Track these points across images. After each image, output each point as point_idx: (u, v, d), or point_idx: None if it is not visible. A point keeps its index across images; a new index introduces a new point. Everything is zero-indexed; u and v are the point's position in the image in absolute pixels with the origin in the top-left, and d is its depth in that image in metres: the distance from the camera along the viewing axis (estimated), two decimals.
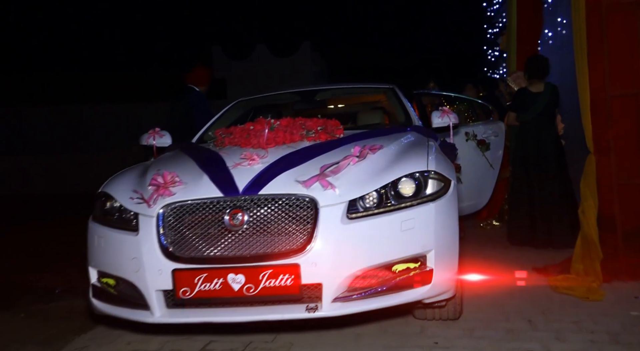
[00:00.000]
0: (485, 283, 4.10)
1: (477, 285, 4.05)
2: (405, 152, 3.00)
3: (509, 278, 4.11)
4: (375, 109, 4.71)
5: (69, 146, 16.88)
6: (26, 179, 15.05)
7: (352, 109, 5.08)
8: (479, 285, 4.05)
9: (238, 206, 2.57)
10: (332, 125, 3.34)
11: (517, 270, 4.42)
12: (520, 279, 3.54)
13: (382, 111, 4.56)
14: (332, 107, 5.24)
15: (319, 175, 2.63)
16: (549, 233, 5.15)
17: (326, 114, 5.04)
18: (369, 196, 2.66)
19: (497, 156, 5.56)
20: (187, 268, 2.51)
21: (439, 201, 2.74)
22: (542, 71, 5.26)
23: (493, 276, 4.31)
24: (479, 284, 4.07)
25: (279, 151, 2.98)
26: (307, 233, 2.51)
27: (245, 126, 3.30)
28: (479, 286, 4.02)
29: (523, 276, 3.52)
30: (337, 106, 5.33)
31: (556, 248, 5.06)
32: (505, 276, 4.26)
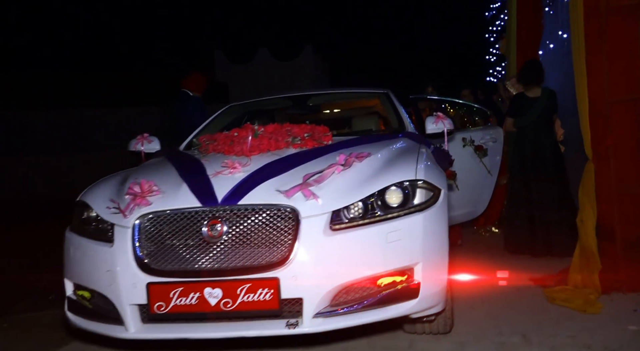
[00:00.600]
0: (478, 294, 3.99)
1: (470, 296, 3.94)
2: (393, 160, 2.89)
3: (493, 279, 4.01)
4: (368, 115, 4.62)
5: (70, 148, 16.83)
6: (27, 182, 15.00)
7: (346, 114, 4.98)
8: (472, 296, 3.95)
9: (217, 216, 2.46)
10: (320, 131, 3.24)
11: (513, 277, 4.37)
12: (503, 279, 3.41)
13: (375, 117, 4.47)
14: (325, 112, 5.14)
15: (302, 184, 2.53)
16: (548, 241, 5.03)
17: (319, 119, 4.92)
18: (354, 207, 2.56)
19: (495, 162, 5.45)
20: (162, 281, 2.41)
21: (427, 212, 2.63)
22: (536, 77, 5.15)
23: (480, 276, 4.21)
24: (473, 296, 3.96)
25: (262, 158, 2.88)
26: (287, 245, 2.41)
27: (229, 133, 3.20)
28: (472, 298, 3.91)
29: (505, 275, 3.39)
30: (330, 111, 5.23)
31: (555, 256, 4.94)
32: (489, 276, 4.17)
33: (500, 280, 3.33)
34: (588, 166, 4.17)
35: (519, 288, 4.14)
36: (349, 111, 5.09)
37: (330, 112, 5.19)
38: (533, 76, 5.15)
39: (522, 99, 5.22)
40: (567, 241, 4.82)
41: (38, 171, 15.32)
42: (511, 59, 6.84)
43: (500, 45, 7.80)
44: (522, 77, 5.26)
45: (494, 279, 4.04)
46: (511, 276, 4.48)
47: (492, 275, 4.24)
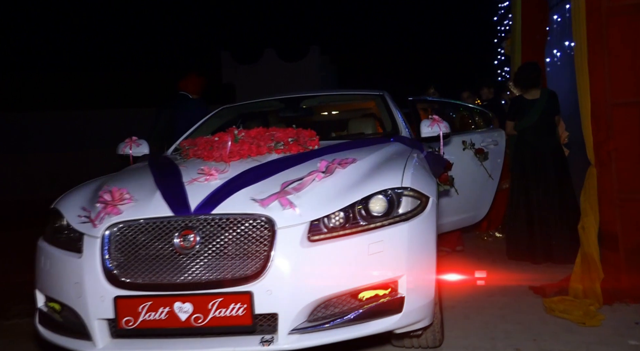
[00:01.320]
0: (474, 303, 3.85)
1: (465, 305, 3.81)
2: (380, 166, 2.76)
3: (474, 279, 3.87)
4: (362, 118, 4.48)
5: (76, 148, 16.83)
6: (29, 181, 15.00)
7: (339, 117, 4.85)
8: (468, 305, 3.81)
9: (189, 226, 2.35)
10: (306, 136, 3.11)
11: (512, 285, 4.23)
12: (480, 279, 3.25)
13: (369, 120, 4.34)
14: (319, 115, 5.01)
15: (279, 193, 2.41)
16: (548, 247, 4.88)
17: (312, 122, 4.82)
18: (334, 216, 2.43)
19: (496, 166, 5.29)
20: (131, 295, 2.29)
21: (413, 221, 2.50)
22: (532, 80, 4.99)
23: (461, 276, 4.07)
24: (468, 304, 3.82)
25: (241, 165, 2.75)
26: (262, 257, 2.29)
27: (210, 137, 3.08)
28: (467, 307, 3.77)
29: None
30: (324, 114, 5.10)
31: (555, 262, 4.79)
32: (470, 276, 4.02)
33: (478, 280, 3.18)
34: (590, 171, 4.02)
35: (518, 297, 3.99)
36: (343, 114, 4.97)
37: (323, 115, 5.07)
38: (529, 78, 5.00)
39: (521, 101, 5.07)
40: (568, 248, 4.67)
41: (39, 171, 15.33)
42: (516, 60, 6.68)
43: (504, 46, 7.63)
44: (519, 81, 5.10)
45: (474, 280, 3.88)
46: (510, 283, 4.35)
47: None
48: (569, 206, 4.88)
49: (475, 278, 3.28)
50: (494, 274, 4.69)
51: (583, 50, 3.94)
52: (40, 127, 17.95)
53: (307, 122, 4.69)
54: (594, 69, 3.88)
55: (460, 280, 3.77)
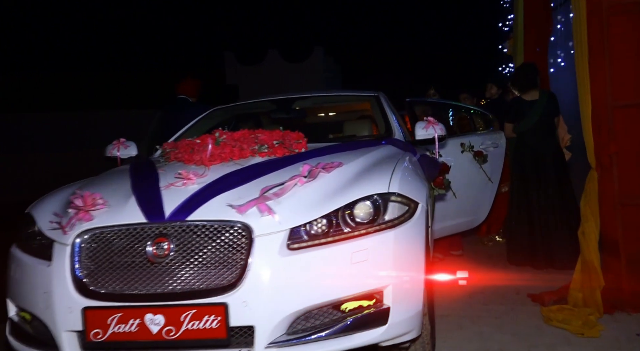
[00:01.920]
0: (470, 312, 3.72)
1: (460, 314, 3.68)
2: (367, 170, 2.64)
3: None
4: (355, 120, 4.37)
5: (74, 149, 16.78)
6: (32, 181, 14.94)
7: (333, 119, 4.74)
8: (463, 314, 3.68)
9: (163, 233, 2.23)
10: (292, 138, 2.99)
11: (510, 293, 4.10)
12: (462, 279, 3.11)
13: (363, 122, 4.22)
14: (312, 116, 4.89)
15: (258, 198, 2.29)
16: (549, 253, 4.74)
17: (305, 123, 4.70)
18: (316, 223, 2.31)
19: (496, 169, 5.16)
20: (100, 306, 2.18)
21: (400, 228, 2.39)
22: (529, 81, 4.86)
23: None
24: (464, 314, 3.70)
25: (222, 168, 2.64)
26: (238, 266, 2.17)
27: (192, 140, 2.97)
28: (462, 316, 3.65)
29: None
30: (317, 115, 4.98)
31: (556, 268, 4.66)
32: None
33: (460, 280, 3.06)
34: (591, 175, 3.89)
35: (515, 305, 3.86)
36: (337, 115, 4.85)
37: (316, 116, 4.95)
38: (527, 79, 4.87)
39: (519, 103, 4.94)
40: (569, 253, 4.54)
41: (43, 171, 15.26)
42: (517, 60, 6.55)
43: (506, 46, 7.49)
44: (516, 82, 4.97)
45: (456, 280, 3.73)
46: (508, 290, 4.22)
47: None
48: (570, 210, 4.75)
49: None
50: (492, 281, 4.57)
51: (584, 50, 3.81)
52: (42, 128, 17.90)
53: (299, 123, 4.58)
54: (594, 70, 3.75)
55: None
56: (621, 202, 3.70)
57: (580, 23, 3.85)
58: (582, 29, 3.84)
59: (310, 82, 20.54)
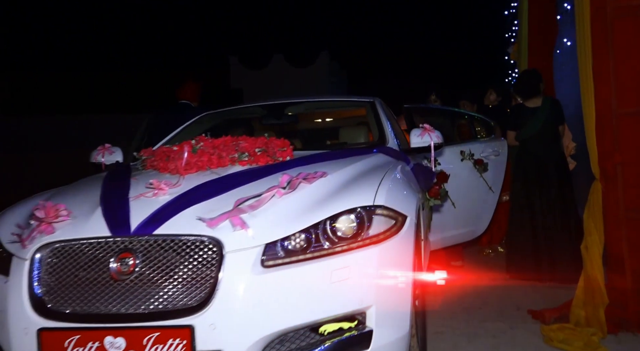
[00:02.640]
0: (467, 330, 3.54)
1: (457, 332, 3.50)
2: (353, 181, 2.48)
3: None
4: (349, 126, 4.20)
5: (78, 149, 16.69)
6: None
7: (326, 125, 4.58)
8: (459, 333, 3.50)
9: (128, 248, 2.07)
10: (276, 146, 2.83)
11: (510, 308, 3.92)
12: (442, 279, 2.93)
13: (357, 128, 4.06)
14: (304, 122, 4.72)
15: (231, 211, 2.13)
16: (551, 266, 4.55)
17: (297, 130, 4.55)
18: (294, 238, 2.14)
19: (497, 178, 4.98)
20: (56, 327, 2.02)
21: (386, 244, 2.22)
22: (530, 88, 4.69)
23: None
24: (460, 332, 3.51)
25: (198, 178, 2.48)
26: (207, 285, 2.01)
27: (169, 147, 2.81)
28: (459, 334, 3.47)
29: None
30: (310, 122, 4.82)
31: (559, 283, 4.47)
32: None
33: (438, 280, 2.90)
34: (595, 186, 3.70)
35: (515, 322, 3.68)
36: (331, 122, 4.69)
37: (309, 123, 4.79)
38: (529, 86, 4.70)
39: (521, 110, 4.76)
40: (571, 267, 4.35)
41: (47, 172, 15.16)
42: (522, 66, 6.38)
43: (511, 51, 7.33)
44: (518, 89, 4.80)
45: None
46: (508, 306, 4.04)
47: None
48: (573, 221, 4.56)
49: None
50: (491, 295, 4.38)
51: (587, 54, 3.63)
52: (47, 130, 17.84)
53: (291, 130, 4.43)
54: (598, 75, 3.57)
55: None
56: (626, 215, 3.51)
57: (584, 26, 3.68)
58: (586, 32, 3.66)
59: (315, 86, 20.39)
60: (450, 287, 4.59)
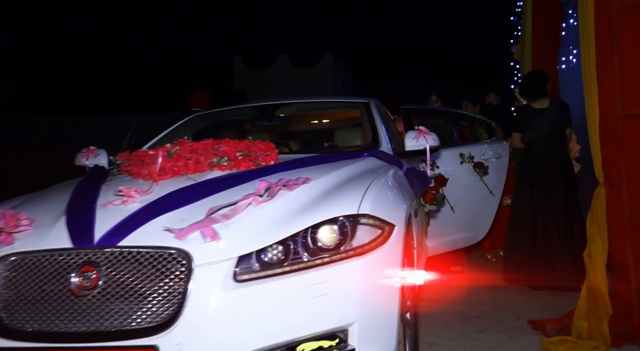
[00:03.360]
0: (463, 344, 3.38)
1: (451, 344, 3.34)
2: (338, 188, 2.33)
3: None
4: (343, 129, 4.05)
5: None
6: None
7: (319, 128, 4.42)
8: (453, 344, 3.34)
9: (91, 261, 1.93)
10: (259, 150, 2.68)
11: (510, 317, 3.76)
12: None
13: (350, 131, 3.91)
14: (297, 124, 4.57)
15: (202, 221, 1.98)
16: (550, 273, 4.38)
17: (288, 132, 4.40)
18: (271, 250, 2.00)
19: (498, 181, 4.82)
20: (12, 347, 1.88)
21: (370, 255, 2.07)
22: (535, 89, 4.52)
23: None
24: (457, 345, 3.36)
25: (172, 184, 2.33)
26: (174, 302, 1.86)
27: (145, 151, 2.66)
28: (453, 346, 3.31)
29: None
30: (302, 124, 4.67)
31: (556, 290, 4.31)
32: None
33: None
34: (598, 191, 3.53)
35: (514, 333, 3.52)
36: (324, 124, 4.53)
37: (301, 125, 4.64)
38: (534, 88, 4.53)
39: (527, 111, 4.59)
40: (571, 275, 4.19)
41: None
42: (525, 66, 6.21)
43: (514, 51, 7.14)
44: (524, 90, 4.64)
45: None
46: (508, 315, 3.88)
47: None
48: (576, 224, 4.39)
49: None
50: (490, 302, 4.23)
51: (591, 54, 3.47)
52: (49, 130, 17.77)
53: (283, 132, 4.28)
54: (603, 76, 3.40)
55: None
56: (631, 222, 3.34)
57: (588, 25, 3.51)
58: (590, 31, 3.49)
59: (319, 87, 20.23)
60: (448, 294, 4.45)
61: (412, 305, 2.71)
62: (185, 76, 22.81)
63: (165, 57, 26.57)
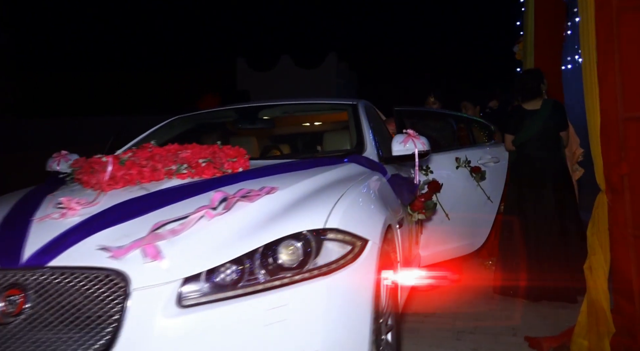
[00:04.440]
0: None
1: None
2: (306, 199, 2.11)
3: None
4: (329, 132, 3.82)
5: None
6: None
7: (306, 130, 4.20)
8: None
9: (17, 283, 1.72)
10: (226, 156, 2.46)
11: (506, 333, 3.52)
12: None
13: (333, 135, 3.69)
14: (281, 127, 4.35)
15: (144, 238, 1.77)
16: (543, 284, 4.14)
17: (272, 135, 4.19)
18: (223, 270, 1.78)
19: (497, 186, 4.59)
20: None
21: (337, 275, 1.85)
22: (528, 90, 4.28)
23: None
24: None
25: (122, 195, 2.12)
26: (109, 330, 1.65)
27: (99, 157, 2.44)
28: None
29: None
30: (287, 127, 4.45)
31: (552, 301, 4.08)
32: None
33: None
34: (600, 199, 3.29)
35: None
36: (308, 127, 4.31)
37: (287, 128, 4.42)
38: (526, 88, 4.29)
39: (519, 112, 4.35)
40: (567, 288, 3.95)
41: None
42: (527, 65, 5.96)
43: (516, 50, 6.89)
44: (517, 90, 4.40)
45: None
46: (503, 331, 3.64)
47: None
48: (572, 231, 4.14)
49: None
50: (486, 316, 3.99)
51: (591, 53, 3.23)
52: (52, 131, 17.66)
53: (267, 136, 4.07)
54: (603, 76, 3.16)
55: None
56: (634, 233, 3.10)
57: (588, 22, 3.28)
58: (590, 29, 3.26)
59: (322, 88, 20.02)
60: (441, 305, 4.21)
61: (395, 323, 2.49)
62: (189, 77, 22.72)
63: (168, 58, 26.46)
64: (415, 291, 4.61)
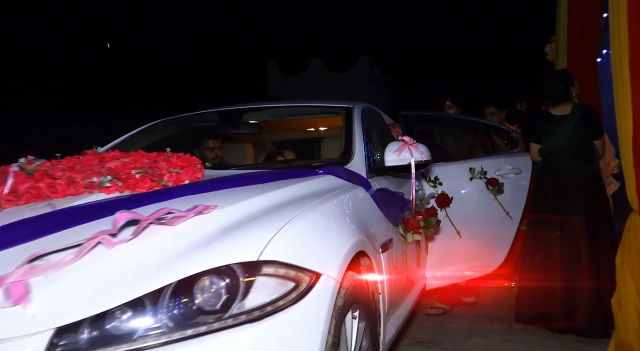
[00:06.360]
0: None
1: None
2: (247, 222, 1.69)
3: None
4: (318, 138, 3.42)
5: None
6: None
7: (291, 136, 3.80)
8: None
9: None
10: (169, 166, 2.07)
11: None
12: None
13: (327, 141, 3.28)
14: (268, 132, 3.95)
15: (14, 272, 1.38)
16: (569, 314, 3.59)
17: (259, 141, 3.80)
18: (113, 317, 1.38)
19: (517, 200, 4.07)
20: None
21: (273, 320, 1.45)
22: (553, 93, 3.75)
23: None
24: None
25: (20, 213, 1.74)
26: None
27: (6, 167, 2.06)
28: None
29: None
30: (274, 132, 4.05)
31: (578, 335, 3.54)
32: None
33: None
34: (632, 221, 2.81)
35: None
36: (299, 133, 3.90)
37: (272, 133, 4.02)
38: (551, 91, 3.76)
39: (546, 118, 3.82)
40: (597, 318, 3.42)
41: None
42: (559, 66, 5.43)
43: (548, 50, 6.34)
44: (541, 94, 3.87)
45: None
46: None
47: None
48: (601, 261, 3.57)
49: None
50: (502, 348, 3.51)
51: (623, 51, 2.75)
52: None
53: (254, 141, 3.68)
54: (637, 77, 2.67)
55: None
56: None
57: (620, 15, 2.79)
58: (622, 23, 2.77)
59: (353, 93, 19.57)
60: (450, 337, 3.75)
61: None
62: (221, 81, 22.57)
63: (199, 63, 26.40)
64: (417, 316, 4.17)
